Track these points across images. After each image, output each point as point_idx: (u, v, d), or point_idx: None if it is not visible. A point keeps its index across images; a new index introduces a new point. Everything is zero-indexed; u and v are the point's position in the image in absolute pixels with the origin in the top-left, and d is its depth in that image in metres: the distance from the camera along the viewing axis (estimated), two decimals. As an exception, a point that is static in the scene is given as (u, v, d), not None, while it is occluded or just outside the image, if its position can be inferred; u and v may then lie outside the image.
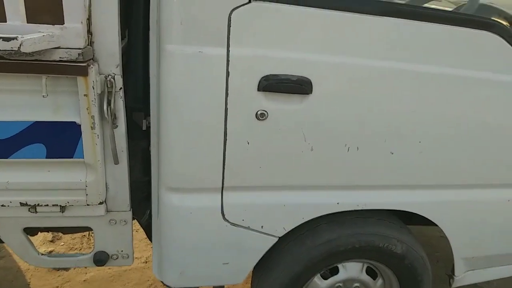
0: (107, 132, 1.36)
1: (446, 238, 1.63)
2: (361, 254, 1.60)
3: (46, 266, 1.73)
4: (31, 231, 1.62)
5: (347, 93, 1.33)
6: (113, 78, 1.30)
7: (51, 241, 2.68)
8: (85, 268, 2.40)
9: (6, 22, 1.20)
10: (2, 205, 1.41)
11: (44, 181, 1.39)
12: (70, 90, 1.28)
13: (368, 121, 1.37)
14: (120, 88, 1.33)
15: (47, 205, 1.43)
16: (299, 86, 1.29)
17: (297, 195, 1.45)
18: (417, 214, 1.55)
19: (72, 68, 1.22)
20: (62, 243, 2.69)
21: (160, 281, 1.60)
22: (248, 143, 1.34)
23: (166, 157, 1.36)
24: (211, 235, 1.46)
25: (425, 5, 1.96)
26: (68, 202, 1.43)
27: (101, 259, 1.59)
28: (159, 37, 1.28)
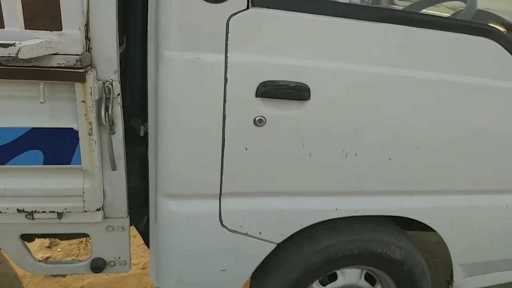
0: (104, 138, 1.36)
1: (445, 244, 1.63)
2: (359, 260, 1.59)
3: (43, 273, 1.72)
4: (28, 237, 1.61)
5: (345, 99, 1.33)
6: (111, 84, 1.30)
7: (48, 247, 2.67)
8: (82, 274, 2.38)
9: (4, 28, 1.20)
10: (-1, 212, 1.40)
11: (41, 187, 1.38)
12: (67, 96, 1.28)
13: (366, 127, 1.37)
14: (118, 94, 1.32)
15: (44, 211, 1.42)
16: (297, 92, 1.29)
17: (295, 201, 1.44)
18: (416, 220, 1.55)
19: (70, 74, 1.22)
20: (59, 249, 2.67)
21: (158, 287, 1.59)
22: (246, 149, 1.34)
23: (163, 163, 1.36)
24: (209, 241, 1.46)
25: (423, 11, 1.97)
26: (65, 209, 1.42)
27: (98, 266, 1.58)
28: (157, 43, 1.28)
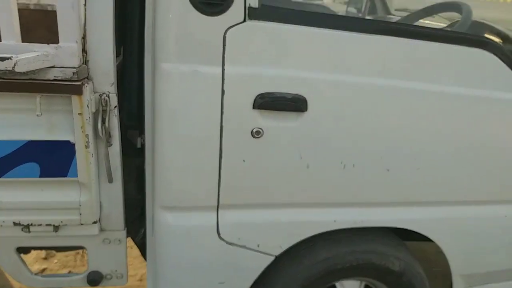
0: (101, 151, 1.35)
1: (444, 254, 1.62)
2: (358, 272, 1.58)
3: (39, 286, 1.70)
4: (24, 249, 1.60)
5: (342, 111, 1.33)
6: (108, 97, 1.29)
7: (45, 259, 2.64)
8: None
9: (0, 41, 1.20)
10: (-5, 225, 1.39)
11: (38, 200, 1.37)
12: (64, 109, 1.27)
13: (363, 138, 1.36)
14: (115, 106, 1.32)
15: (41, 224, 1.41)
16: (294, 104, 1.29)
17: (294, 213, 1.44)
18: (414, 231, 1.54)
19: (67, 87, 1.22)
20: (56, 260, 2.65)
21: (155, 301, 1.57)
22: (244, 161, 1.33)
23: (160, 175, 1.35)
24: (207, 254, 1.45)
25: (420, 21, 1.98)
26: (62, 222, 1.41)
27: (95, 279, 1.57)
28: (154, 55, 1.29)
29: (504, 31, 1.67)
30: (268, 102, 1.27)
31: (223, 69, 1.24)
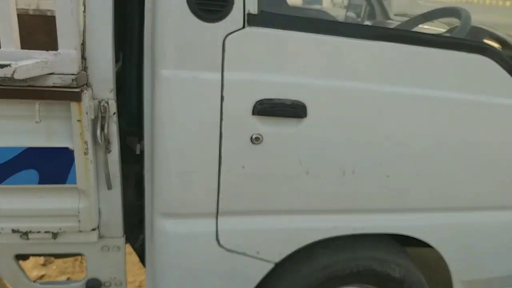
0: (100, 157, 1.34)
1: (445, 261, 1.61)
2: (359, 279, 1.57)
3: (38, 293, 1.69)
4: (22, 256, 1.59)
5: (341, 117, 1.33)
6: (107, 103, 1.29)
7: (43, 265, 2.63)
8: (77, 293, 2.34)
9: (0, 48, 1.20)
10: (-7, 232, 1.39)
11: (37, 207, 1.36)
12: (63, 115, 1.27)
13: (363, 144, 1.36)
14: (114, 113, 1.31)
15: (39, 231, 1.40)
16: (293, 110, 1.28)
17: (293, 220, 1.43)
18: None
19: (66, 94, 1.22)
20: (54, 266, 2.63)
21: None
22: (243, 167, 1.33)
23: (159, 182, 1.35)
24: (206, 261, 1.44)
25: (419, 26, 1.98)
26: (61, 229, 1.40)
27: (93, 286, 1.55)
28: (153, 61, 1.28)
29: (503, 36, 1.67)
30: (267, 108, 1.27)
31: (222, 76, 1.24)
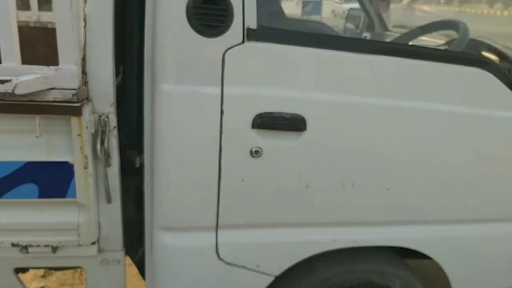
0: (100, 171, 1.35)
1: (445, 273, 1.60)
2: (359, 292, 1.57)
3: (37, 306, 1.69)
4: (22, 268, 1.58)
5: (341, 130, 1.34)
6: (107, 117, 1.30)
7: (43, 276, 2.61)
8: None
9: (0, 63, 1.21)
10: (-7, 246, 1.38)
11: (36, 221, 1.36)
12: (63, 130, 1.27)
13: (362, 157, 1.36)
14: (114, 127, 1.32)
15: (39, 245, 1.40)
16: (293, 124, 1.29)
17: (293, 233, 1.43)
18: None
19: (66, 109, 1.22)
20: (54, 278, 2.62)
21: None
22: (243, 180, 1.33)
23: (159, 195, 1.35)
24: (206, 274, 1.43)
25: (418, 38, 1.99)
26: (60, 242, 1.40)
27: (93, 300, 1.55)
28: (153, 75, 1.29)
29: (501, 49, 1.68)
30: (267, 122, 1.28)
31: (222, 90, 1.25)
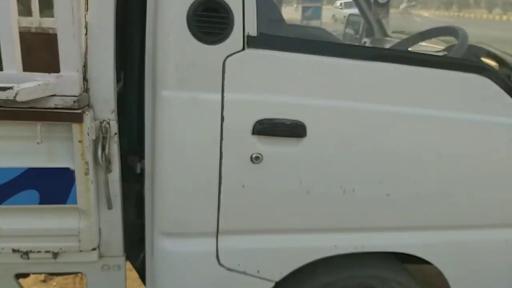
0: (101, 178, 1.35)
1: (446, 278, 1.60)
2: (360, 298, 1.57)
3: (37, 312, 1.69)
4: (22, 274, 1.58)
5: (341, 136, 1.34)
6: (108, 124, 1.30)
7: (43, 281, 2.61)
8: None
9: (2, 70, 1.21)
10: (-6, 252, 1.38)
11: (37, 227, 1.36)
12: (64, 136, 1.28)
13: (363, 163, 1.37)
14: (115, 133, 1.32)
15: (40, 251, 1.40)
16: (293, 130, 1.30)
17: (294, 239, 1.43)
18: (415, 254, 1.54)
19: (67, 115, 1.23)
20: (55, 283, 2.61)
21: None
22: (243, 186, 1.33)
23: (160, 201, 1.35)
24: (206, 280, 1.43)
25: (418, 44, 2.00)
26: (61, 248, 1.40)
27: (94, 305, 1.55)
28: (154, 82, 1.30)
29: (500, 55, 1.69)
30: (267, 128, 1.28)
31: (222, 96, 1.26)
